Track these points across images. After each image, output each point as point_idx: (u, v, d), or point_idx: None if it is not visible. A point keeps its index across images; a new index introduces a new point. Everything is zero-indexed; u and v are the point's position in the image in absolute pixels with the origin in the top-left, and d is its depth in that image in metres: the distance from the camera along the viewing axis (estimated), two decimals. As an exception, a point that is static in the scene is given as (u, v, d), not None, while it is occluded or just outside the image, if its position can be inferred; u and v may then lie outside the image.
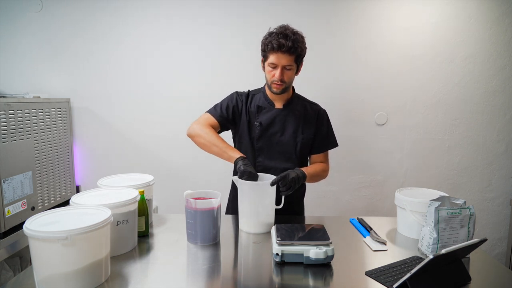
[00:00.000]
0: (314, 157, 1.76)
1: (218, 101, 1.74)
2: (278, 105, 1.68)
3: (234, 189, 1.78)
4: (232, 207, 1.76)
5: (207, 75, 2.45)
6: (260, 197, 1.44)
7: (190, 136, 1.64)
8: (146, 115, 2.50)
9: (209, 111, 1.69)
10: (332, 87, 2.44)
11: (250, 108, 1.68)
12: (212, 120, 1.65)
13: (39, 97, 2.12)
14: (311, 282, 1.10)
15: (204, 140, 1.58)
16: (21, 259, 2.02)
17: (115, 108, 2.50)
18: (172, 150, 2.51)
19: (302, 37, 1.58)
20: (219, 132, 1.67)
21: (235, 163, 1.50)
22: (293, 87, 1.73)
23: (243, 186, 1.44)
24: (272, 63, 1.55)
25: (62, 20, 2.42)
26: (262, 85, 1.75)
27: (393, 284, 1.01)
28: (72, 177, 2.39)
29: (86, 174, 2.56)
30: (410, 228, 1.42)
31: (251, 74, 2.40)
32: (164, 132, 2.50)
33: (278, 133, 1.66)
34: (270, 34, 1.56)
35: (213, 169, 2.48)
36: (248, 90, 1.75)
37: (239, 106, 1.68)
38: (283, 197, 1.49)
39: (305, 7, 2.36)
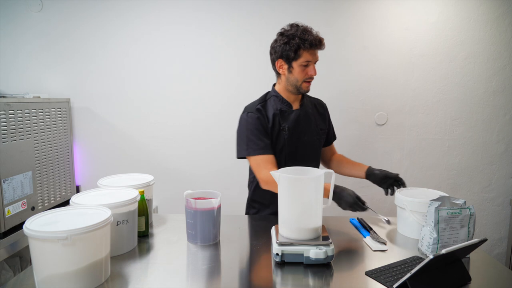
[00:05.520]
0: (327, 149, 1.80)
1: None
2: (295, 106, 1.65)
3: (255, 195, 1.70)
4: (251, 206, 1.73)
5: (207, 75, 2.44)
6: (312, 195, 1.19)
7: (269, 188, 1.50)
8: (146, 115, 2.50)
9: (256, 152, 1.51)
10: (332, 87, 2.44)
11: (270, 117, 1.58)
12: (268, 157, 1.52)
13: (39, 97, 2.12)
14: (311, 282, 1.10)
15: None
16: (21, 259, 2.02)
17: (115, 108, 2.50)
18: (172, 150, 2.50)
19: None
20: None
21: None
22: None
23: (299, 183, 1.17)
24: (307, 61, 1.52)
25: (62, 20, 2.42)
26: (264, 92, 1.68)
27: (393, 284, 1.01)
28: (72, 177, 2.39)
29: (86, 174, 2.56)
30: (410, 228, 1.42)
31: (250, 75, 2.40)
32: (164, 132, 2.50)
33: (302, 133, 1.63)
34: (293, 35, 1.49)
35: (213, 169, 2.48)
36: (258, 105, 1.60)
37: (263, 125, 1.56)
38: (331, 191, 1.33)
39: (304, 8, 2.36)
